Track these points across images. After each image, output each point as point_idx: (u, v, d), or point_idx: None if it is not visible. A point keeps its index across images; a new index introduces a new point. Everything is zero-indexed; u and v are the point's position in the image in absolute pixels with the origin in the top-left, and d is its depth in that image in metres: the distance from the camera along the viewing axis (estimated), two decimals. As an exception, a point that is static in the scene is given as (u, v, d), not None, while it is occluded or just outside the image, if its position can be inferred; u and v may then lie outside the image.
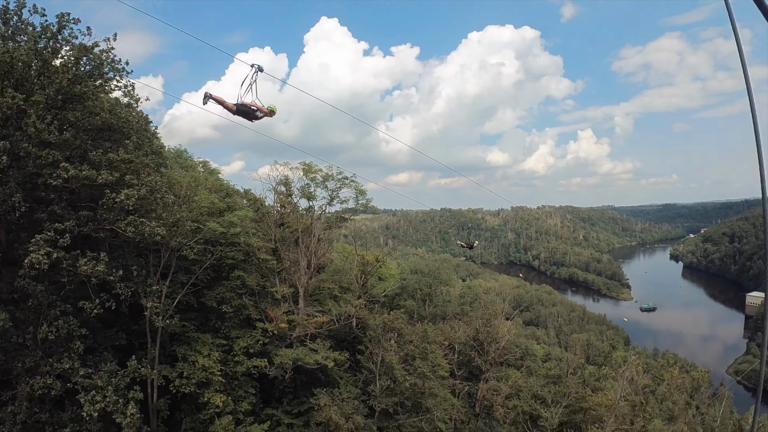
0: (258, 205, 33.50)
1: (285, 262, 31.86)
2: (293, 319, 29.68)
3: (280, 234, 32.05)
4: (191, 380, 24.19)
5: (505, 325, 41.92)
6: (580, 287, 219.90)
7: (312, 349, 28.42)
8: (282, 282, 30.85)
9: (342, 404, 27.01)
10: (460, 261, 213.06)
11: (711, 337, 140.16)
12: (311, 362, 27.60)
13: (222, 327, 27.75)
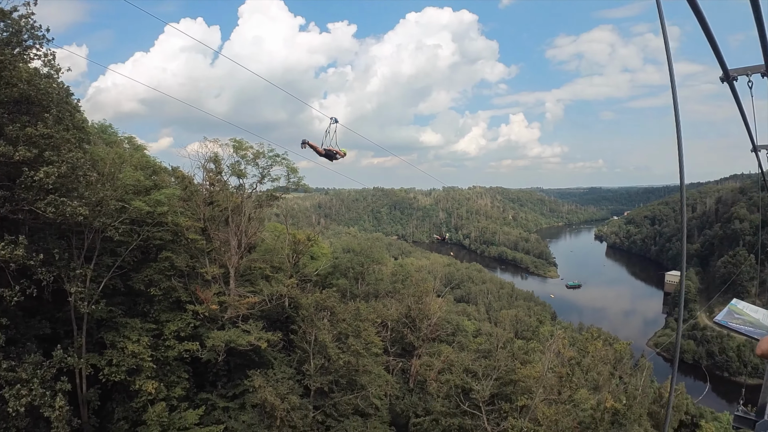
0: (186, 183, 32.52)
1: (215, 241, 31.36)
2: (224, 300, 29.39)
3: (210, 213, 31.45)
4: (121, 368, 23.46)
5: (436, 302, 43.10)
6: (509, 265, 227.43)
7: (244, 331, 28.34)
8: (212, 262, 30.38)
9: (277, 385, 27.20)
10: (392, 240, 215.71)
11: (632, 313, 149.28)
12: (244, 344, 27.56)
13: (151, 311, 26.88)
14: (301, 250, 38.62)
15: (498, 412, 30.18)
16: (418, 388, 38.29)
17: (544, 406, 29.06)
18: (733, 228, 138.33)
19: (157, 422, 24.18)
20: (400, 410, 35.51)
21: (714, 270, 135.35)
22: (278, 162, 33.91)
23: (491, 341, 40.77)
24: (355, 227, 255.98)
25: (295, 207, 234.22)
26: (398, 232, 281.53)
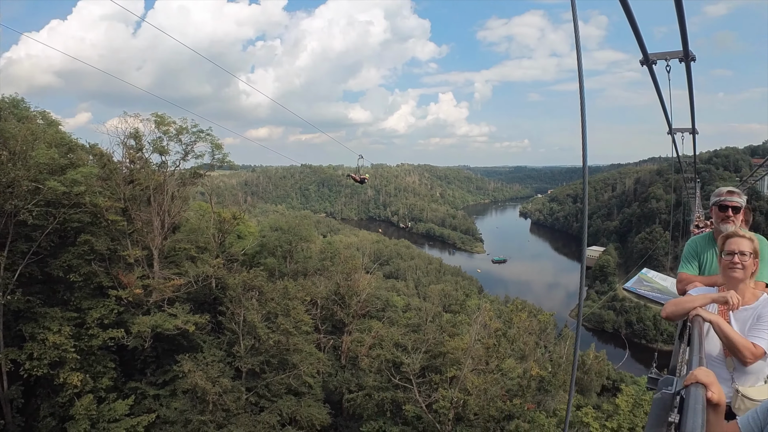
0: (105, 161, 30.86)
1: (136, 222, 30.29)
2: (149, 283, 28.48)
3: (131, 192, 30.27)
4: (43, 361, 22.44)
5: (365, 278, 43.60)
6: (437, 241, 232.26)
7: (171, 314, 27.74)
8: (134, 244, 29.35)
9: (207, 368, 26.87)
10: (320, 217, 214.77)
11: (555, 286, 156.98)
12: (171, 328, 26.99)
13: (72, 298, 25.62)
14: (227, 229, 37.98)
15: (429, 383, 31.16)
16: (350, 364, 38.85)
17: (473, 376, 30.25)
18: (650, 207, 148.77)
19: (86, 416, 23.34)
20: (334, 387, 35.99)
21: (632, 245, 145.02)
22: (202, 138, 33.07)
23: (420, 315, 41.87)
24: (283, 205, 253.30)
25: (221, 185, 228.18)
26: (327, 210, 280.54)
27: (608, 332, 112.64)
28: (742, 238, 3.73)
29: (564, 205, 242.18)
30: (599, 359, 65.12)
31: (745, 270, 3.69)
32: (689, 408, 2.04)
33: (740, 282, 3.70)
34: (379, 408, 32.09)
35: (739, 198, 4.92)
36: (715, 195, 5.07)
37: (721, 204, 4.93)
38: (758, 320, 3.55)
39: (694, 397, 2.15)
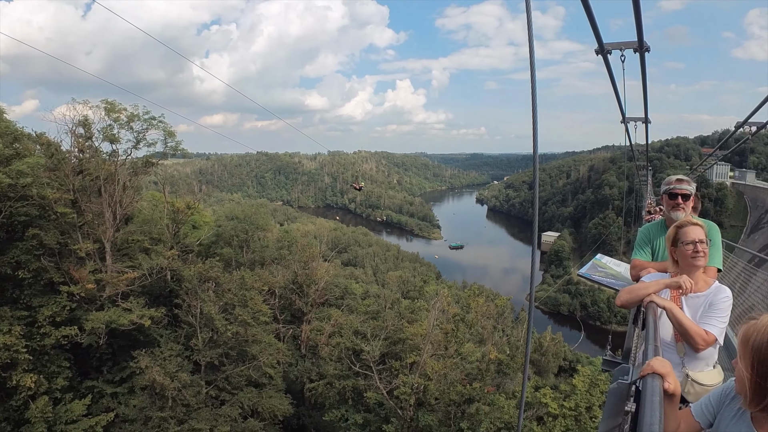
0: (53, 151, 29.60)
1: (87, 214, 29.21)
2: (101, 277, 27.42)
3: (80, 183, 29.17)
4: None
5: (323, 266, 43.56)
6: (395, 228, 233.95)
7: (126, 309, 26.88)
8: (85, 237, 28.36)
9: (165, 363, 26.30)
10: (277, 205, 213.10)
11: (512, 270, 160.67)
12: (126, 323, 26.19)
13: (21, 296, 24.55)
14: (181, 219, 37.19)
15: (389, 370, 31.43)
16: (310, 353, 38.86)
17: (432, 362, 30.67)
18: (604, 193, 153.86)
19: (42, 419, 22.50)
20: (294, 377, 35.97)
21: (586, 231, 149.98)
22: (154, 125, 31.99)
23: (379, 302, 42.07)
24: (239, 193, 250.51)
25: (175, 174, 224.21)
26: (283, 198, 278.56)
27: (564, 315, 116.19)
28: (696, 226, 3.80)
29: (520, 191, 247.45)
30: (555, 341, 66.99)
31: (706, 257, 3.77)
32: (647, 401, 2.06)
33: (699, 269, 3.79)
34: (340, 396, 32.28)
35: (688, 186, 5.02)
36: (666, 183, 5.17)
37: (672, 192, 5.01)
38: (710, 308, 3.65)
39: (651, 390, 2.16)
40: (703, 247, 3.72)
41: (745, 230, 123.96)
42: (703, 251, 3.72)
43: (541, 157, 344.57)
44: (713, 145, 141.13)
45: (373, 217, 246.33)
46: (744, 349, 1.96)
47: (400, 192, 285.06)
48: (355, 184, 25.15)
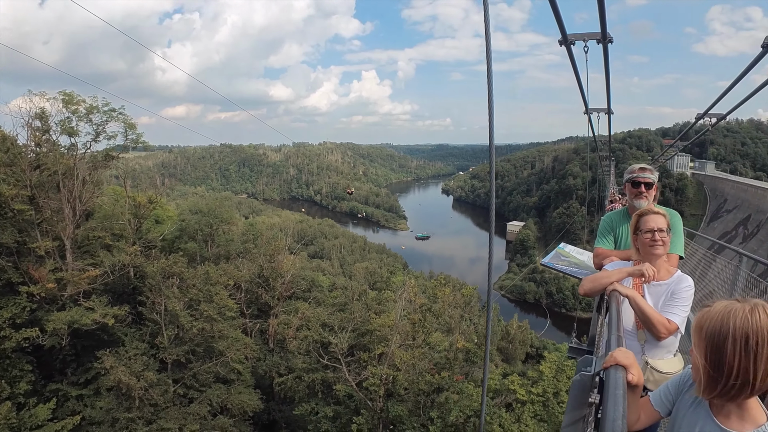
0: (8, 145, 28.60)
1: (45, 211, 28.31)
2: (62, 276, 26.57)
3: (38, 178, 28.22)
4: None
5: (288, 259, 43.31)
6: (361, 220, 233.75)
7: (88, 308, 26.10)
8: (44, 235, 27.45)
9: (130, 363, 25.75)
10: (241, 198, 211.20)
11: (478, 260, 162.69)
12: (89, 323, 25.42)
13: None
14: (143, 214, 36.32)
15: (358, 362, 31.52)
16: (278, 347, 38.72)
17: (401, 352, 30.83)
18: (568, 183, 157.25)
19: (6, 425, 21.65)
20: (263, 372, 35.80)
21: (551, 220, 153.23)
22: (114, 117, 31.09)
23: (346, 294, 42.11)
24: (203, 186, 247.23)
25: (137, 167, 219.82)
26: (248, 190, 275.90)
27: (530, 303, 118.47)
28: (657, 215, 3.83)
29: (485, 182, 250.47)
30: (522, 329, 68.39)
31: (665, 246, 3.80)
32: (610, 395, 2.04)
33: (660, 258, 3.83)
34: (310, 389, 32.26)
35: (651, 174, 5.07)
36: (628, 172, 5.19)
37: (635, 180, 5.04)
38: (672, 296, 3.71)
39: (614, 383, 2.14)
40: (663, 236, 3.76)
41: (705, 219, 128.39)
42: (662, 240, 3.77)
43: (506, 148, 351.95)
44: (674, 136, 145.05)
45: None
46: (697, 336, 1.99)
47: (366, 183, 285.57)
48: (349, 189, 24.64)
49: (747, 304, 1.90)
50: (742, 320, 1.85)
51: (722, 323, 1.89)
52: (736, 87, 8.77)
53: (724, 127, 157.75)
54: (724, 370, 1.89)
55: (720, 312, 1.92)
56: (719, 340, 1.88)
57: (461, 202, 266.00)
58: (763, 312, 1.85)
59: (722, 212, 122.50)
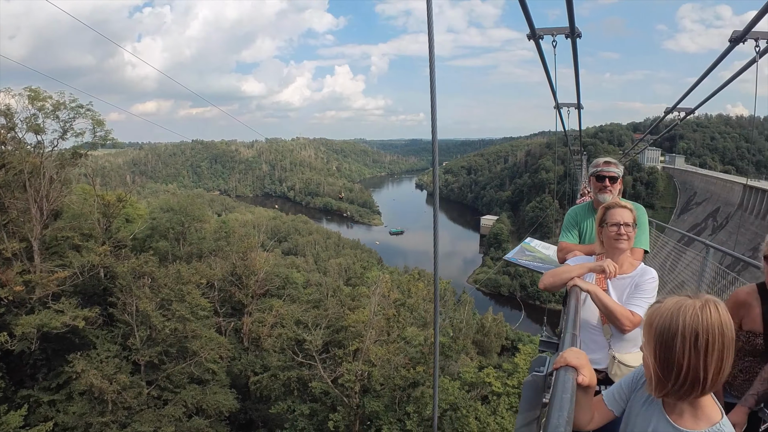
0: None
1: (11, 211, 27.64)
2: (30, 278, 26.07)
3: (3, 178, 27.54)
4: None
5: (262, 256, 43.11)
6: (335, 215, 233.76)
7: (57, 311, 25.60)
8: (11, 236, 26.82)
9: (102, 366, 25.38)
10: (214, 195, 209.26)
11: (453, 254, 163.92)
12: (59, 326, 24.94)
13: None
14: (113, 212, 35.78)
15: (333, 359, 31.54)
16: (253, 345, 38.53)
17: (375, 348, 30.98)
18: (540, 177, 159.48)
19: None
20: (238, 371, 35.58)
21: (524, 214, 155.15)
22: (82, 114, 30.53)
23: (321, 291, 42.08)
24: (175, 184, 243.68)
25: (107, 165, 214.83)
26: (220, 187, 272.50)
27: (504, 296, 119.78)
28: (624, 209, 3.76)
29: (459, 176, 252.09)
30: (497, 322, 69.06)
31: (630, 240, 3.73)
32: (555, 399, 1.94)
33: (624, 252, 3.77)
34: (286, 388, 32.21)
35: (616, 168, 4.96)
36: (593, 165, 5.10)
37: (599, 174, 4.96)
38: (636, 289, 3.65)
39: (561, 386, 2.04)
40: (628, 230, 3.70)
41: (676, 211, 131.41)
42: (627, 234, 3.71)
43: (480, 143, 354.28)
44: (645, 131, 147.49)
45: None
46: (647, 333, 1.94)
47: (340, 179, 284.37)
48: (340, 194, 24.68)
49: (698, 300, 1.85)
50: (692, 317, 1.80)
51: (671, 320, 1.84)
52: (705, 82, 8.98)
53: (693, 122, 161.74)
54: (673, 369, 1.84)
55: (670, 308, 1.87)
56: (668, 337, 1.83)
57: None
58: (715, 308, 1.82)
59: (692, 205, 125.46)
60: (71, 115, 30.15)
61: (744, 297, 3.66)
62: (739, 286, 6.86)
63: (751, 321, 3.58)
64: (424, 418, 28.13)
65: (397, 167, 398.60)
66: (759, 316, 3.55)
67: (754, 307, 3.57)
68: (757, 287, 3.64)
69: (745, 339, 3.62)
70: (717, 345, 1.78)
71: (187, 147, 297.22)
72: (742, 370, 3.69)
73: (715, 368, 1.80)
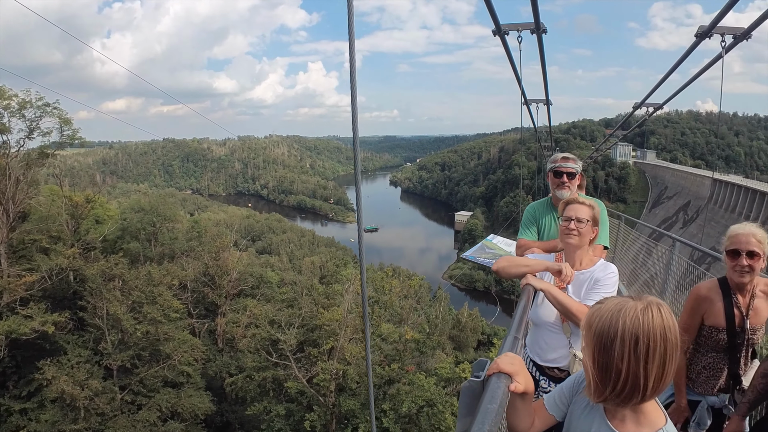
0: None
1: (-25, 215, 27.31)
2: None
3: (-33, 180, 27.17)
4: None
5: (235, 255, 42.80)
6: (309, 213, 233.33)
7: (26, 316, 25.11)
8: (-25, 241, 26.45)
9: (73, 372, 24.99)
10: (186, 194, 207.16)
11: (428, 250, 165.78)
12: (28, 331, 24.45)
13: None
14: (81, 214, 35.18)
15: (308, 358, 31.48)
16: (228, 346, 38.22)
17: (350, 346, 30.97)
18: (513, 173, 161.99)
19: None
20: (214, 372, 35.26)
21: (498, 209, 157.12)
22: (49, 113, 30.03)
23: (295, 290, 41.92)
24: (146, 183, 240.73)
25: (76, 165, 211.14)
26: (192, 186, 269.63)
27: (480, 291, 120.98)
28: (582, 205, 3.63)
29: (433, 173, 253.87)
30: (473, 317, 69.66)
31: (582, 237, 3.59)
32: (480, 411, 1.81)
33: (577, 248, 3.65)
34: (261, 388, 32.11)
35: (574, 164, 4.84)
36: (551, 161, 4.98)
37: (556, 170, 4.84)
38: (595, 283, 3.53)
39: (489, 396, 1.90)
40: (579, 226, 3.55)
41: (647, 205, 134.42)
42: (578, 230, 3.56)
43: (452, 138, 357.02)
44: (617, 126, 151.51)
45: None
46: (586, 335, 1.82)
47: (314, 176, 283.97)
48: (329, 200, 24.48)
49: (640, 302, 1.73)
50: (632, 320, 1.69)
51: (611, 322, 1.72)
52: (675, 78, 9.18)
53: (664, 118, 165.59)
54: (612, 374, 1.73)
55: (610, 309, 1.75)
56: (607, 340, 1.72)
57: (409, 193, 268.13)
58: (657, 311, 1.70)
59: (663, 199, 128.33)
60: (38, 114, 29.62)
61: (705, 292, 3.67)
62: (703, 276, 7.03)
63: (714, 316, 3.60)
64: (401, 415, 28.27)
65: (371, 164, 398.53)
66: (721, 311, 3.57)
67: (715, 302, 3.59)
68: (718, 282, 3.66)
69: (707, 334, 3.65)
70: (659, 350, 1.67)
71: (158, 146, 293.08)
72: (705, 367, 3.71)
73: (656, 375, 1.69)
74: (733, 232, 3.55)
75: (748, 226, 3.54)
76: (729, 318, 3.55)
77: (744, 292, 3.59)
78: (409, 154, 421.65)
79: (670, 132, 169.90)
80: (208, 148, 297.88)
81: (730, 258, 3.52)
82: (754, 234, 3.47)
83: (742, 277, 3.47)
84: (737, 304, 3.57)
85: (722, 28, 6.55)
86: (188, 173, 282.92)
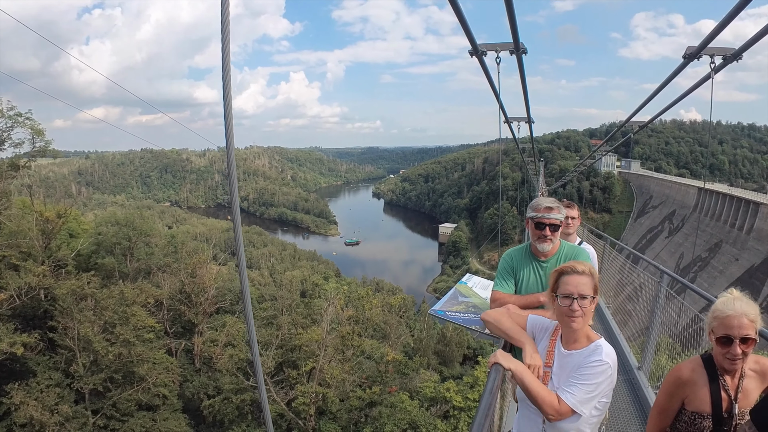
0: None
1: (-59, 230, 26.57)
2: None
3: (-66, 194, 26.46)
4: None
5: (212, 272, 42.10)
6: (290, 226, 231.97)
7: None
8: (-59, 258, 25.71)
9: (42, 396, 24.36)
10: (164, 207, 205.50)
11: (412, 262, 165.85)
12: None
13: None
14: (53, 229, 34.42)
15: (287, 380, 31.09)
16: (206, 366, 37.53)
17: (330, 368, 30.59)
18: (498, 184, 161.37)
19: None
20: (191, 393, 34.57)
21: (482, 221, 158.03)
22: (21, 123, 29.65)
23: (275, 306, 41.41)
24: (123, 195, 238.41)
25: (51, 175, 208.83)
26: (171, 198, 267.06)
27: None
28: (581, 276, 3.10)
29: (416, 184, 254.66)
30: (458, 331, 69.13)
31: (586, 317, 3.08)
32: None
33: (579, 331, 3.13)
34: (239, 411, 31.67)
35: (558, 213, 4.25)
36: (532, 209, 4.35)
37: (539, 221, 4.25)
38: (577, 370, 3.05)
39: None
40: (584, 305, 3.04)
41: (633, 215, 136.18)
42: (583, 310, 3.04)
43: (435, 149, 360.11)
44: (601, 136, 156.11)
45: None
46: None
47: (295, 188, 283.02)
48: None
49: None
50: None
51: None
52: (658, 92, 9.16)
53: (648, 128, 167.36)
54: None
55: None
56: None
57: (392, 205, 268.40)
58: None
59: (648, 208, 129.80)
60: (9, 124, 29.24)
61: (688, 374, 3.18)
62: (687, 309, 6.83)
63: (699, 401, 3.15)
64: (383, 439, 27.92)
65: (353, 176, 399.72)
66: (707, 396, 3.12)
67: (700, 386, 3.14)
68: (702, 362, 3.18)
69: (689, 420, 3.18)
70: None
71: (136, 156, 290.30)
72: None
73: None
74: (722, 313, 3.00)
75: (738, 303, 2.97)
76: (715, 403, 3.11)
77: (733, 374, 3.13)
78: (393, 165, 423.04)
79: (654, 141, 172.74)
80: (188, 159, 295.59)
81: (720, 345, 3.04)
82: (747, 314, 2.93)
83: (734, 364, 3.01)
84: (725, 386, 3.11)
85: (712, 48, 6.70)
86: (167, 185, 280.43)
